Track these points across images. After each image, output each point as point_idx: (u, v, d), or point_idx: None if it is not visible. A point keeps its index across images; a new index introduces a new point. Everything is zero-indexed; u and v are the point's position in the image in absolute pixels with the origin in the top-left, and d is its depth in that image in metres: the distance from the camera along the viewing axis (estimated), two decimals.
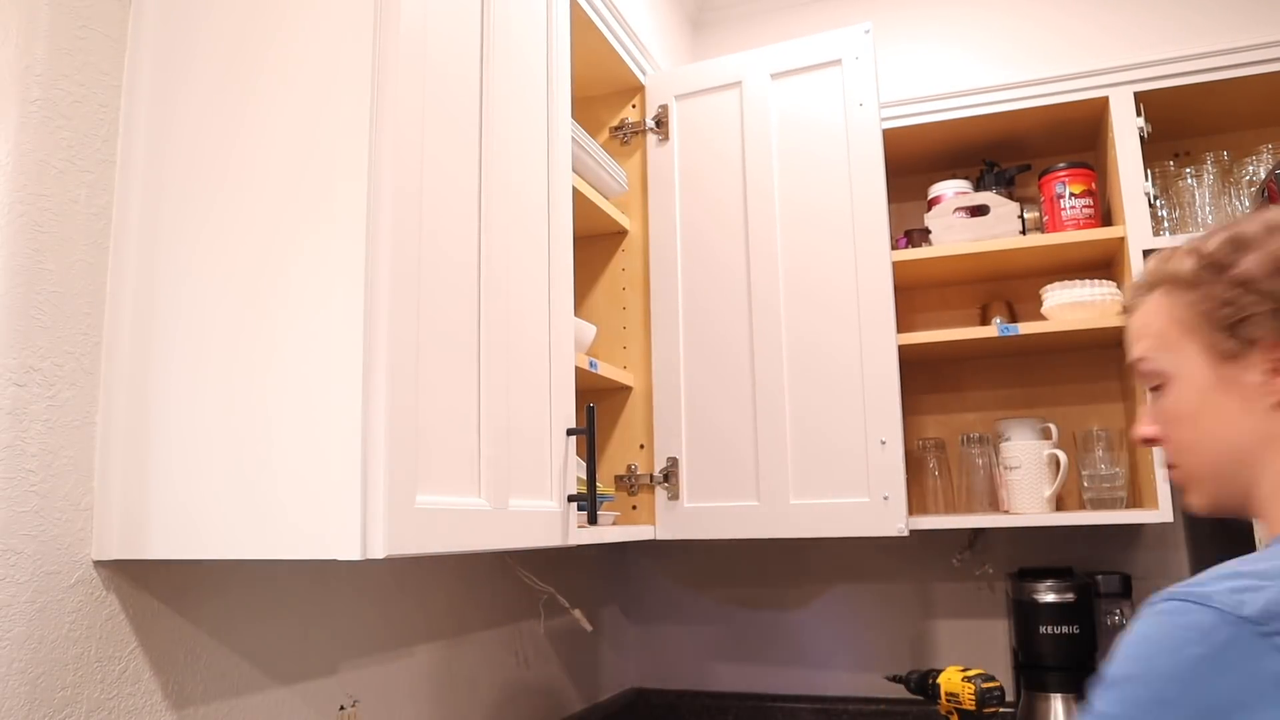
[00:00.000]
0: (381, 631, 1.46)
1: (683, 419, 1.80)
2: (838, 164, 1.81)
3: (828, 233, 1.80)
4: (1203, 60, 1.94)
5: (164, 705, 1.06)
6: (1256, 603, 0.63)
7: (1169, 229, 2.02)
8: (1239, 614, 0.63)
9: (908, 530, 1.62)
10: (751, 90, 1.88)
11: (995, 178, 2.20)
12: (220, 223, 1.03)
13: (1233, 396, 0.81)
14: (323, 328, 0.95)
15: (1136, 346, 0.89)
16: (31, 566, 0.93)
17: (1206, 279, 0.82)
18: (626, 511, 1.82)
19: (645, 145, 1.92)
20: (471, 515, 1.06)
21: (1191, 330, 0.83)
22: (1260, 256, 0.79)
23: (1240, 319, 0.79)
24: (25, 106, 0.98)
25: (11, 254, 0.95)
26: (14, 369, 0.94)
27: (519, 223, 1.24)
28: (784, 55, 1.87)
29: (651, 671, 2.42)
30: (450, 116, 1.10)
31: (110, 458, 1.02)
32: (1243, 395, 0.80)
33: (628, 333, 1.88)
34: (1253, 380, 0.79)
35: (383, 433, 0.92)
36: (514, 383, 1.19)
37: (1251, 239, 0.81)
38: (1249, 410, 0.80)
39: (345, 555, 0.90)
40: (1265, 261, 0.79)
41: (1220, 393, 0.81)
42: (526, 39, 1.32)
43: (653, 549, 2.46)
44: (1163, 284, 0.87)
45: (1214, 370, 0.82)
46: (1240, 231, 0.82)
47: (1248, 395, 0.80)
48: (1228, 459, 0.82)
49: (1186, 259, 0.85)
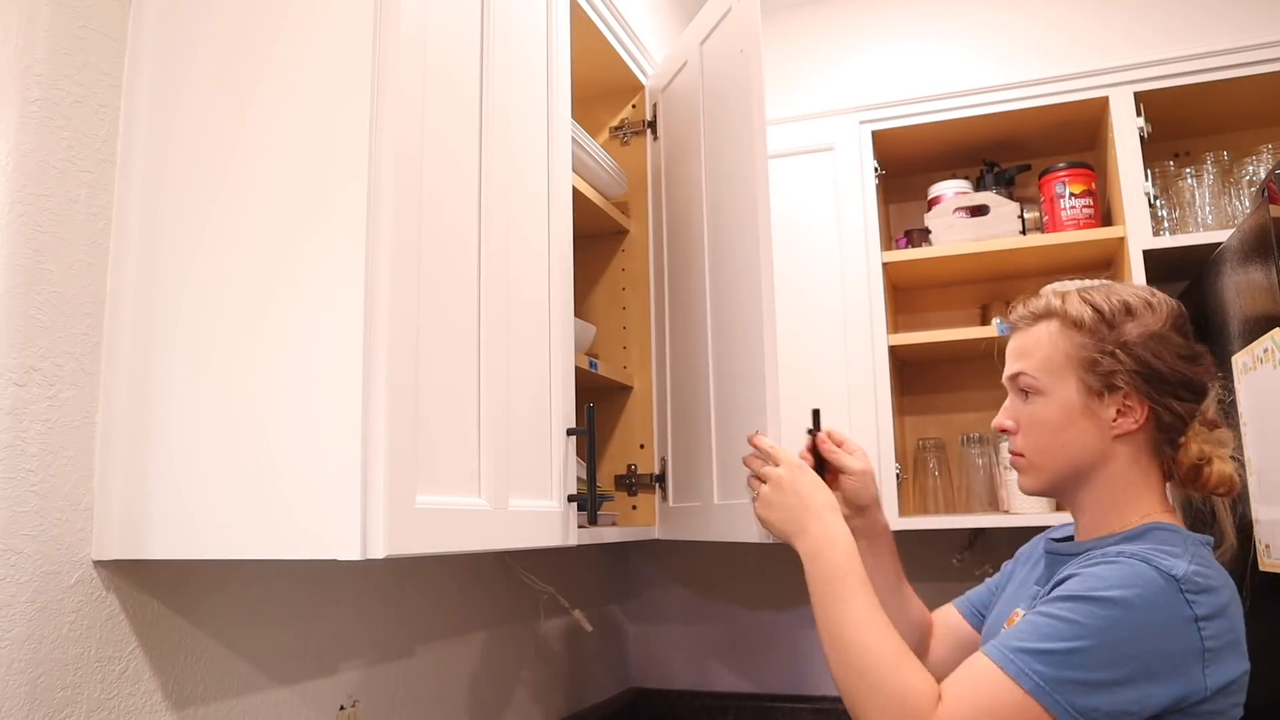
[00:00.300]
0: (381, 631, 1.45)
1: (669, 419, 1.76)
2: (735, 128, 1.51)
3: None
4: (1203, 60, 1.94)
5: (164, 705, 1.06)
6: (1177, 570, 0.89)
7: (1169, 229, 2.02)
8: (1172, 574, 0.89)
9: None
10: (691, 67, 1.69)
11: (995, 178, 2.20)
12: (220, 222, 1.03)
13: (1089, 422, 1.03)
14: (323, 327, 0.95)
15: (1020, 362, 1.08)
16: (31, 566, 0.93)
17: (1098, 331, 1.03)
18: (626, 511, 1.82)
19: (645, 145, 1.92)
20: (471, 515, 1.06)
21: (1073, 365, 1.04)
22: (1139, 328, 1.02)
23: (1111, 370, 1.02)
24: (25, 106, 0.98)
25: (11, 254, 0.95)
26: (14, 369, 0.94)
27: (519, 223, 1.24)
28: (704, 17, 1.65)
29: (651, 671, 2.41)
30: (450, 116, 1.10)
31: (110, 458, 1.02)
32: (1097, 424, 1.03)
33: (628, 333, 1.88)
34: (1107, 415, 1.02)
35: (383, 432, 0.92)
36: (514, 382, 1.19)
37: (1136, 310, 1.04)
38: (1098, 436, 1.03)
39: (345, 555, 0.90)
40: (1141, 333, 1.02)
41: (1081, 417, 1.04)
42: (526, 39, 1.32)
43: (653, 549, 2.45)
44: (1058, 319, 1.06)
45: (1081, 399, 1.03)
46: (1128, 301, 1.05)
47: (1100, 425, 1.03)
48: (1071, 466, 1.05)
49: (1085, 307, 1.05)
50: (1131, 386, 1.02)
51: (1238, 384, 1.49)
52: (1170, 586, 0.88)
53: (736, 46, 1.50)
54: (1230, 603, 0.92)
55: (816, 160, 2.15)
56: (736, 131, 1.50)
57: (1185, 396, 1.02)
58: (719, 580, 2.40)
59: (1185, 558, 0.92)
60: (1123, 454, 1.03)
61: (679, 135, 1.77)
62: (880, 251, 2.10)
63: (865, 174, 2.13)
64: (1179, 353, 1.03)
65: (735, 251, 1.50)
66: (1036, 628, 0.89)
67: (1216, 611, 0.89)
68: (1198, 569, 0.91)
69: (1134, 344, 1.02)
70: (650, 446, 1.81)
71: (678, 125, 1.78)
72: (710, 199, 1.60)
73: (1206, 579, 0.90)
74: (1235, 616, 0.92)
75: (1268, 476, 1.40)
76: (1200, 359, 1.04)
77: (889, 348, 2.06)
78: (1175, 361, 1.02)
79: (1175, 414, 1.02)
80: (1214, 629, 0.89)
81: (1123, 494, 1.03)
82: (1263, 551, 1.41)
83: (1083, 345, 1.04)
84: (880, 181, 2.18)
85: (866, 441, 2.02)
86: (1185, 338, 1.04)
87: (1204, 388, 1.04)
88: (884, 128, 2.15)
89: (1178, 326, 1.05)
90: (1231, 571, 0.98)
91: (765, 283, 1.39)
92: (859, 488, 1.24)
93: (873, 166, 2.13)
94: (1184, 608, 0.88)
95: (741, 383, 1.45)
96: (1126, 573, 0.89)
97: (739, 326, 1.47)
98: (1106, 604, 0.88)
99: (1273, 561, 1.37)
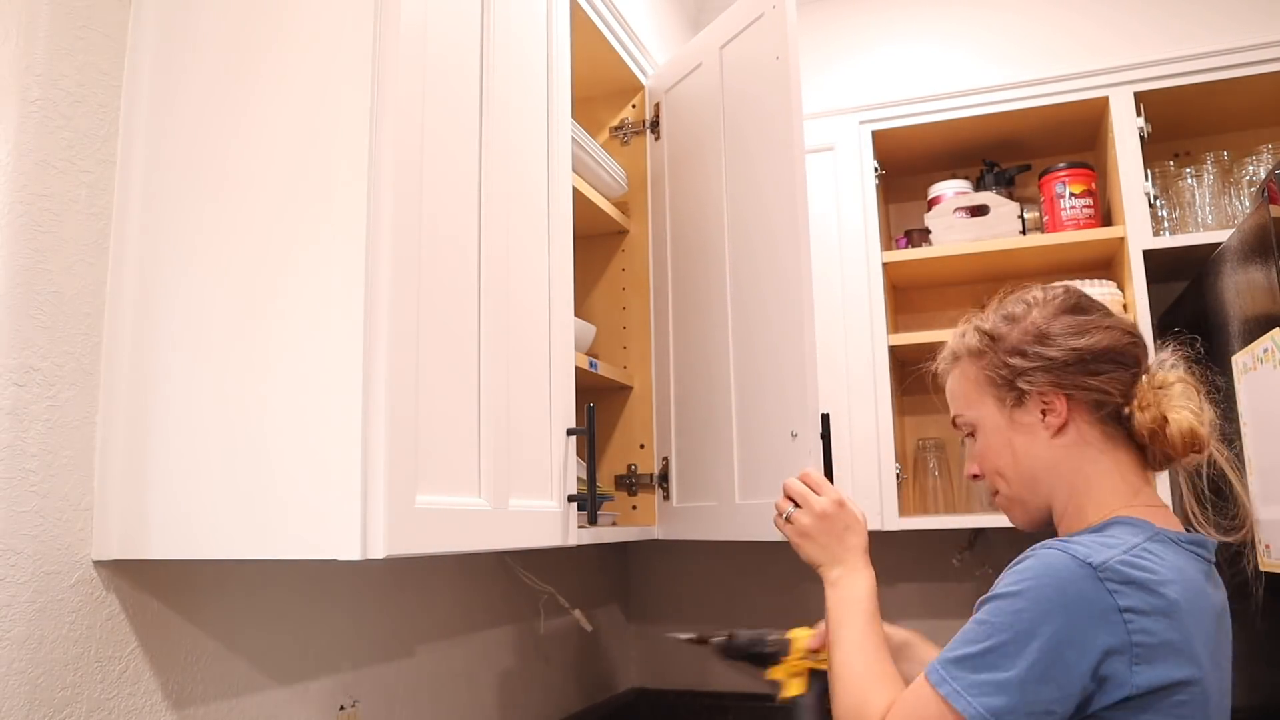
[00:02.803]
0: (381, 631, 1.45)
1: (672, 419, 1.77)
2: (767, 133, 1.53)
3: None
4: (1203, 60, 1.94)
5: (164, 705, 1.06)
6: (1095, 558, 0.87)
7: (1169, 229, 2.02)
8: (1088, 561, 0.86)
9: None
10: (708, 70, 1.70)
11: (995, 178, 2.20)
12: (220, 222, 1.03)
13: (1021, 434, 1.04)
14: (323, 327, 0.95)
15: (953, 407, 1.13)
16: (31, 566, 0.93)
17: (988, 349, 1.07)
18: (626, 511, 1.82)
19: (645, 145, 1.92)
20: (471, 515, 1.06)
21: (985, 389, 1.07)
22: (1020, 329, 1.05)
23: (1014, 376, 1.04)
24: (25, 106, 0.98)
25: (11, 254, 0.95)
26: (14, 369, 0.94)
27: (519, 222, 1.24)
28: (727, 22, 1.66)
29: (651, 671, 2.41)
30: (450, 116, 1.10)
31: (110, 458, 1.02)
32: (1029, 432, 1.04)
33: (628, 333, 1.88)
34: (1034, 419, 1.03)
35: (383, 433, 0.92)
36: (514, 383, 1.19)
37: (1016, 315, 1.07)
38: (1035, 442, 1.04)
39: (345, 555, 0.90)
40: (1024, 332, 1.04)
41: (1013, 432, 1.05)
42: (526, 39, 1.32)
43: (653, 549, 2.46)
44: (962, 356, 1.11)
45: (1005, 416, 1.06)
46: (1009, 311, 1.08)
47: (1032, 431, 1.04)
48: (1029, 482, 1.05)
49: (973, 335, 1.09)
50: (1035, 383, 1.02)
51: (1238, 384, 1.49)
52: (1084, 573, 0.85)
53: (771, 53, 1.52)
54: (1177, 604, 0.86)
55: (817, 160, 2.15)
56: (768, 135, 1.53)
57: (1100, 369, 1.01)
58: (719, 580, 2.40)
59: (1120, 549, 0.88)
60: (1071, 451, 1.02)
61: (687, 136, 1.78)
62: (880, 251, 2.10)
63: (865, 174, 2.13)
64: (1071, 331, 1.02)
65: (764, 253, 1.52)
66: (962, 635, 0.90)
67: (1151, 608, 0.85)
68: (1129, 559, 0.87)
69: (1021, 345, 1.04)
70: (650, 446, 1.81)
71: (686, 126, 1.79)
72: (732, 201, 1.62)
73: (1139, 572, 0.86)
74: (1183, 619, 0.86)
75: (1268, 476, 1.40)
76: (1092, 330, 1.02)
77: (889, 348, 2.06)
78: (1068, 341, 1.02)
79: (1099, 390, 1.00)
80: (1146, 624, 0.84)
81: (1084, 491, 1.01)
82: (1263, 551, 1.41)
83: (983, 368, 1.07)
84: (880, 181, 2.18)
85: (867, 441, 2.02)
86: (1078, 314, 1.04)
87: (1117, 353, 1.02)
88: (884, 128, 2.15)
89: (1066, 309, 1.05)
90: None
91: (805, 288, 1.42)
92: None
93: (873, 166, 2.13)
94: (1103, 596, 0.84)
95: (770, 384, 1.47)
96: (1037, 565, 0.88)
97: (767, 328, 1.49)
98: (1014, 598, 0.87)
99: (1273, 561, 1.37)
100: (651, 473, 1.80)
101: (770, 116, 1.52)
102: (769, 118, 1.53)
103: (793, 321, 1.43)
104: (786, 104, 1.47)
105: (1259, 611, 1.42)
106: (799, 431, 1.37)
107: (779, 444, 1.43)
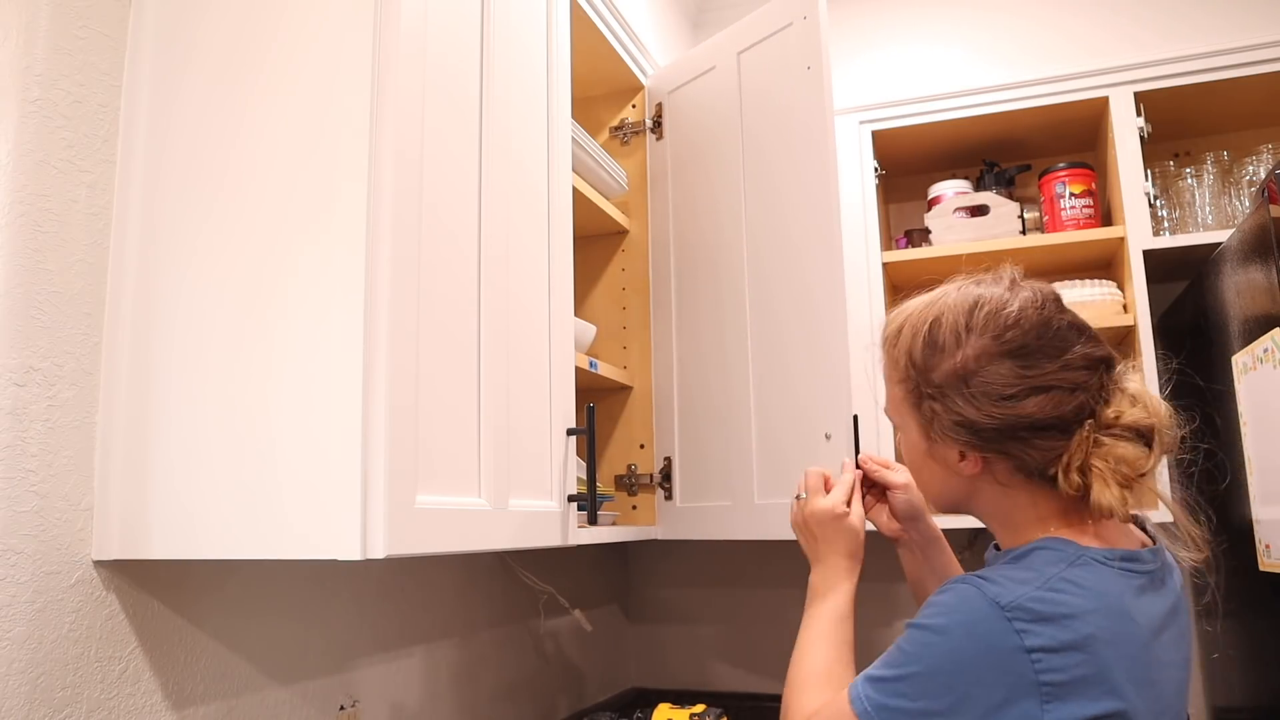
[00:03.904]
0: (381, 631, 1.45)
1: (675, 418, 1.77)
2: (793, 139, 1.57)
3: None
4: (1203, 60, 1.94)
5: (164, 705, 1.06)
6: (1005, 596, 0.82)
7: (1169, 229, 2.02)
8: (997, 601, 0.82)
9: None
10: (723, 74, 1.73)
11: (995, 178, 2.20)
12: (220, 222, 1.03)
13: (939, 464, 0.97)
14: (323, 327, 0.95)
15: (885, 391, 1.05)
16: (31, 566, 0.93)
17: (911, 376, 0.97)
18: (626, 511, 1.82)
19: (645, 145, 1.92)
20: (471, 515, 1.06)
21: (909, 406, 0.98)
22: (947, 366, 0.93)
23: (931, 418, 0.95)
24: (25, 106, 0.98)
25: (11, 254, 0.95)
26: (14, 369, 0.94)
27: (519, 223, 1.24)
28: (747, 29, 1.69)
29: (651, 671, 2.42)
30: (450, 117, 1.10)
31: (110, 458, 1.02)
32: (946, 466, 0.96)
33: (628, 333, 1.88)
34: (952, 458, 0.95)
35: (383, 432, 0.92)
36: (514, 383, 1.19)
37: (943, 342, 0.94)
38: (953, 476, 0.97)
39: (345, 555, 0.90)
40: (950, 373, 0.92)
41: (932, 459, 0.98)
42: (527, 39, 1.32)
43: (653, 549, 2.46)
44: (887, 358, 1.02)
45: (925, 442, 0.98)
46: (938, 329, 0.95)
47: (951, 466, 0.96)
48: (947, 502, 1.01)
49: (901, 346, 0.98)
50: (953, 437, 0.93)
51: (1238, 384, 1.49)
52: (993, 614, 0.81)
53: (800, 62, 1.55)
54: (1093, 637, 0.82)
55: None
56: (792, 141, 1.57)
57: (1026, 438, 0.89)
58: (719, 580, 2.40)
59: (1034, 584, 0.83)
60: (987, 489, 0.95)
61: (696, 137, 1.80)
62: (880, 251, 2.10)
63: (865, 174, 2.13)
64: (1001, 393, 0.89)
65: (788, 256, 1.56)
66: (885, 655, 0.89)
67: (1061, 645, 0.81)
68: (1041, 595, 0.82)
69: (944, 388, 0.93)
70: (650, 446, 1.81)
71: (695, 127, 1.81)
72: (750, 202, 1.65)
73: (1051, 607, 0.82)
74: (1100, 651, 0.82)
75: (1268, 476, 1.40)
76: (1027, 394, 0.88)
77: None
78: (993, 406, 0.89)
79: (1018, 457, 0.91)
80: (1056, 662, 0.80)
81: (1009, 517, 0.95)
82: (1263, 551, 1.41)
83: (908, 389, 0.98)
84: (880, 181, 2.18)
85: (866, 442, 2.02)
86: (1019, 361, 0.90)
87: (1052, 421, 0.89)
88: (884, 128, 2.15)
89: (1008, 351, 0.90)
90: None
91: (838, 293, 1.44)
92: (905, 501, 1.23)
93: (873, 166, 2.13)
94: (1009, 636, 0.81)
95: (798, 385, 1.50)
96: (952, 600, 0.85)
97: (791, 328, 1.53)
98: (927, 631, 0.85)
99: (1273, 562, 1.37)
100: (652, 473, 1.80)
101: (796, 122, 1.56)
102: (795, 123, 1.56)
103: (825, 324, 1.46)
104: (821, 112, 1.50)
105: (1259, 611, 1.42)
106: (833, 433, 1.40)
107: (809, 445, 1.46)
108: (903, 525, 1.25)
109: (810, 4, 1.53)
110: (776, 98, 1.62)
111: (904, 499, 1.24)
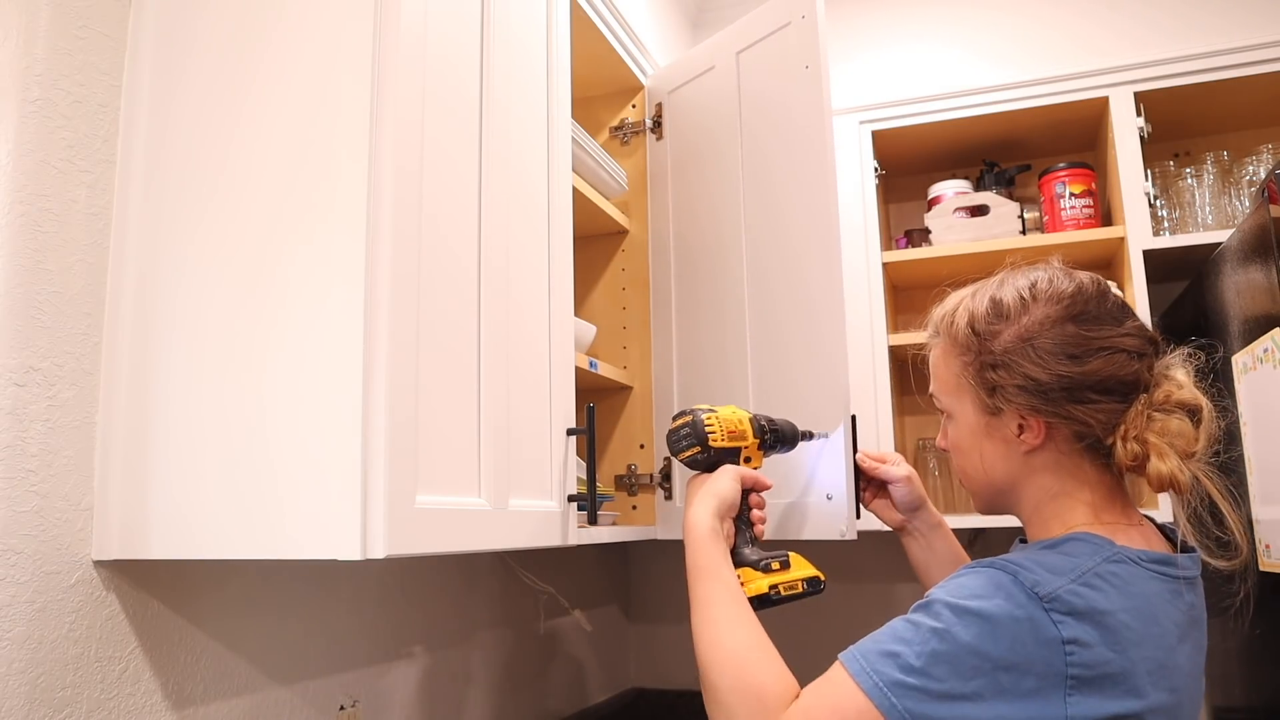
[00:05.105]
0: (382, 631, 1.45)
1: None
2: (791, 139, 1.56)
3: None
4: (1203, 60, 1.94)
5: (164, 705, 1.06)
6: (1044, 587, 0.82)
7: (1169, 229, 2.02)
8: (1035, 590, 0.82)
9: (853, 533, 1.31)
10: (722, 73, 1.73)
11: (995, 178, 2.20)
12: (219, 222, 1.03)
13: (996, 442, 0.98)
14: (322, 327, 0.95)
15: (933, 384, 1.05)
16: (31, 566, 0.93)
17: (973, 347, 0.98)
18: (626, 511, 1.82)
19: (645, 145, 1.92)
20: (471, 515, 1.06)
21: (966, 384, 0.99)
22: (1012, 332, 0.95)
23: (994, 387, 0.95)
24: (25, 106, 0.98)
25: (11, 254, 0.95)
26: (14, 369, 0.94)
27: (519, 222, 1.24)
28: (746, 29, 1.69)
29: (651, 671, 2.41)
30: (450, 116, 1.10)
31: (110, 458, 1.02)
32: (1004, 442, 0.97)
33: (628, 333, 1.88)
34: (1010, 433, 0.96)
35: (383, 432, 0.92)
36: (514, 383, 1.19)
37: (1009, 310, 0.96)
38: (1008, 455, 0.97)
39: (345, 555, 0.90)
40: (1015, 338, 0.94)
41: (986, 438, 0.98)
42: (527, 39, 1.32)
43: (653, 549, 2.45)
44: (944, 337, 1.02)
45: (982, 419, 0.98)
46: (1005, 303, 0.97)
47: (1008, 442, 0.97)
48: (994, 488, 1.01)
49: (960, 320, 1.00)
50: (1017, 403, 0.94)
51: (1238, 384, 1.49)
52: (1031, 603, 0.81)
53: (799, 61, 1.55)
54: (1123, 635, 0.82)
55: None
56: (791, 140, 1.56)
57: (1090, 399, 0.92)
58: None
59: (1069, 575, 0.84)
60: (1042, 468, 0.96)
61: (696, 137, 1.80)
62: (880, 251, 2.10)
63: (865, 174, 2.13)
64: (1067, 351, 0.92)
65: (786, 256, 1.55)
66: (894, 631, 0.86)
67: (1094, 640, 0.81)
68: (1076, 588, 0.83)
69: (1009, 353, 0.94)
70: (650, 446, 1.81)
71: (695, 127, 1.81)
72: (749, 202, 1.64)
73: (1087, 601, 0.82)
74: (1128, 651, 0.82)
75: (1268, 476, 1.40)
76: (1092, 354, 0.92)
77: (889, 348, 2.06)
78: (1059, 365, 0.91)
79: (1082, 421, 0.92)
80: (1087, 656, 0.80)
81: (1050, 505, 0.96)
82: (1263, 551, 1.41)
83: (966, 364, 0.98)
84: (880, 181, 2.18)
85: (866, 441, 2.02)
86: (1083, 325, 0.93)
87: (1114, 383, 0.92)
88: (884, 128, 2.15)
89: (1070, 316, 0.94)
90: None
91: (836, 294, 1.43)
92: (906, 492, 1.26)
93: (873, 166, 2.13)
94: (1048, 628, 0.80)
95: (796, 385, 1.50)
96: (986, 583, 0.84)
97: (789, 328, 1.52)
98: (960, 612, 0.82)
99: (1273, 562, 1.37)
100: (652, 473, 1.80)
101: (795, 122, 1.56)
102: (794, 123, 1.56)
103: (824, 324, 1.46)
104: (819, 112, 1.50)
105: (1259, 611, 1.42)
106: (830, 434, 1.40)
107: (808, 445, 1.45)
108: (905, 516, 1.26)
109: (808, 3, 1.53)
110: (775, 97, 1.62)
111: (905, 490, 1.25)
